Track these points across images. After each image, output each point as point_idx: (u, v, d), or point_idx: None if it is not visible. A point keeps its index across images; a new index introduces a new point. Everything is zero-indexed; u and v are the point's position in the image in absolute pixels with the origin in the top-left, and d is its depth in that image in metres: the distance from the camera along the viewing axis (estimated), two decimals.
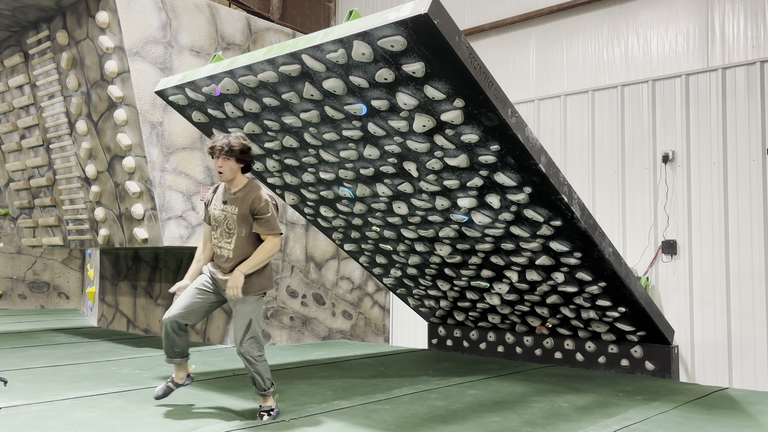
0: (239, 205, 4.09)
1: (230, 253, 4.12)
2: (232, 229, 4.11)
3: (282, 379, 5.47)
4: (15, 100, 8.06)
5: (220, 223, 4.13)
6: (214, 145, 4.02)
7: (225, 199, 4.12)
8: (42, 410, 4.25)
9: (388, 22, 3.61)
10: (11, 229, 12.54)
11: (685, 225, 7.09)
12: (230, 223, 4.10)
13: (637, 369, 5.92)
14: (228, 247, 4.11)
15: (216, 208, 4.17)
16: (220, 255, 4.16)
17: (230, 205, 4.10)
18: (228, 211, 4.11)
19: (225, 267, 4.13)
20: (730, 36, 7.15)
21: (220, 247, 4.16)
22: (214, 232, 4.20)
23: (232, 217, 4.10)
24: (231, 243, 4.11)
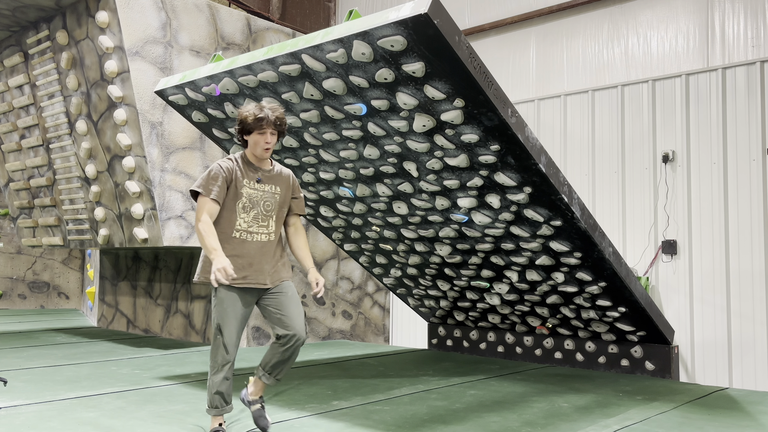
0: (280, 184, 3.72)
1: (269, 237, 3.65)
2: (269, 211, 3.66)
3: (282, 380, 5.47)
4: (15, 100, 8.06)
5: (256, 204, 3.62)
6: (265, 117, 3.53)
7: (259, 177, 3.64)
8: (42, 410, 4.25)
9: (388, 21, 3.61)
10: (11, 229, 12.53)
11: (685, 225, 7.09)
12: (269, 204, 3.65)
13: (637, 369, 5.92)
14: (265, 232, 3.64)
15: (250, 187, 3.62)
16: (248, 241, 3.59)
17: (268, 184, 3.66)
18: (267, 190, 3.66)
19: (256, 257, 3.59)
20: (730, 36, 7.14)
21: (249, 231, 3.60)
22: (244, 214, 3.60)
23: (273, 198, 3.67)
24: (269, 227, 3.66)
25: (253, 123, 3.52)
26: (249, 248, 3.60)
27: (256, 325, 7.67)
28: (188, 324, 8.25)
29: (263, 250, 3.63)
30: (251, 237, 3.61)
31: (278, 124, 3.57)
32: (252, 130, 3.56)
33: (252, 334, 7.61)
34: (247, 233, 3.60)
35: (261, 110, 3.52)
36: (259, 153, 3.59)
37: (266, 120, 3.52)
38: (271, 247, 3.66)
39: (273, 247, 3.68)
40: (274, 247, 3.69)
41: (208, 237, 3.46)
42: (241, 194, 3.59)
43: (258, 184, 3.63)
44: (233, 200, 3.59)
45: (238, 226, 3.60)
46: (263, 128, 3.54)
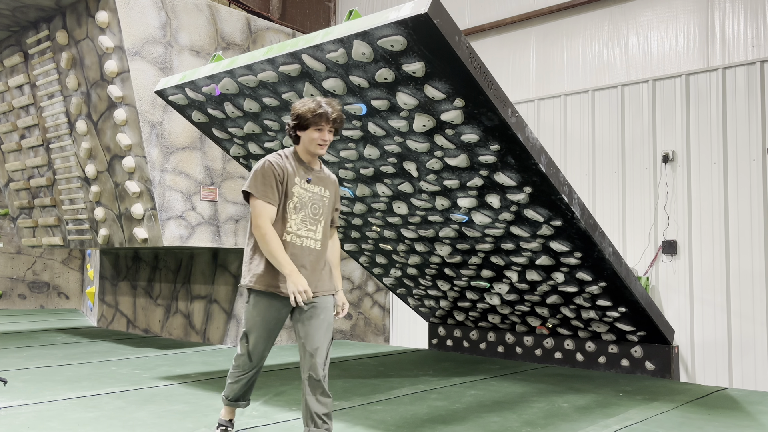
0: (329, 187, 3.45)
1: (317, 245, 3.36)
2: (318, 215, 3.37)
3: (282, 379, 5.47)
4: (15, 99, 8.06)
5: (304, 205, 3.32)
6: (325, 113, 3.27)
7: (309, 177, 3.36)
8: (41, 410, 4.25)
9: (388, 21, 3.61)
10: (11, 229, 12.53)
11: (685, 225, 7.09)
12: (318, 207, 3.38)
13: (637, 369, 5.92)
14: (314, 237, 3.34)
15: (300, 185, 3.33)
16: (297, 246, 3.29)
17: (317, 185, 3.39)
18: (316, 192, 3.39)
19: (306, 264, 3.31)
20: (730, 36, 7.14)
21: (299, 235, 3.30)
22: (294, 215, 3.29)
23: (321, 200, 3.40)
24: (317, 233, 3.36)
25: (312, 118, 3.26)
26: (299, 253, 3.29)
27: None
28: (188, 324, 8.25)
29: (311, 258, 3.33)
30: (300, 241, 3.31)
31: (337, 122, 3.33)
32: (308, 126, 3.29)
33: None
34: (297, 236, 3.30)
35: (320, 106, 3.27)
36: (313, 149, 3.31)
37: (326, 116, 3.28)
38: (318, 256, 3.36)
39: (321, 256, 3.38)
40: (322, 257, 3.39)
41: (279, 250, 3.19)
42: (291, 193, 3.30)
43: (308, 185, 3.36)
44: (284, 199, 3.30)
45: (289, 228, 3.28)
46: (321, 125, 3.29)
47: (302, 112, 3.28)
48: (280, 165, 3.30)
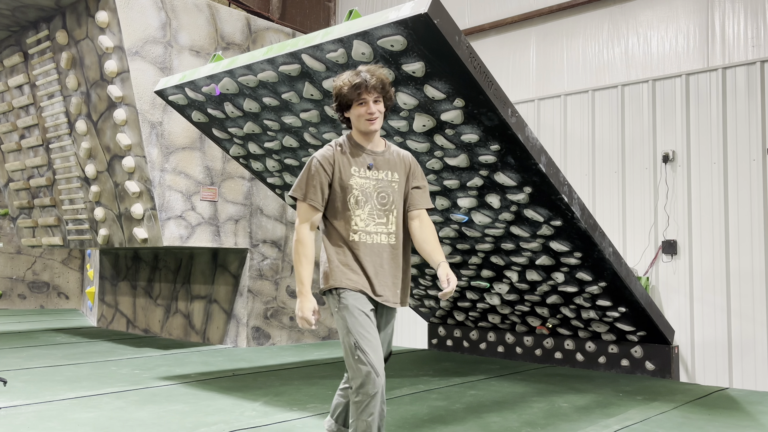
0: (397, 169, 2.99)
1: (391, 239, 2.93)
2: (387, 204, 2.92)
3: (282, 380, 5.47)
4: (14, 99, 8.06)
5: (369, 196, 2.89)
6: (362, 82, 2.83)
7: (370, 162, 2.93)
8: (41, 410, 4.25)
9: (388, 21, 3.61)
10: (11, 229, 12.53)
11: (685, 225, 7.09)
12: (387, 195, 2.93)
13: (638, 369, 5.92)
14: (385, 231, 2.91)
15: (359, 175, 2.90)
16: (368, 244, 2.88)
17: (382, 170, 2.94)
18: (382, 178, 2.93)
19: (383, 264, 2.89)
20: (731, 36, 7.14)
21: (368, 232, 2.88)
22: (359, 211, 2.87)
23: (390, 186, 2.94)
24: (390, 225, 2.93)
25: (349, 93, 2.85)
26: (372, 253, 2.89)
27: (256, 325, 7.67)
28: (188, 324, 8.25)
29: (386, 256, 2.91)
30: (371, 238, 2.89)
31: (381, 87, 2.87)
32: (350, 103, 2.87)
33: (252, 334, 7.61)
34: (366, 234, 2.88)
35: (357, 75, 2.86)
36: (363, 127, 2.89)
37: (364, 85, 2.83)
38: (394, 254, 2.94)
39: (397, 253, 2.95)
40: (398, 255, 2.96)
41: (302, 264, 2.84)
42: (350, 186, 2.87)
43: (370, 171, 2.92)
44: (343, 194, 2.88)
45: (355, 225, 2.87)
46: (362, 96, 2.85)
47: (339, 88, 2.88)
48: (329, 159, 2.90)
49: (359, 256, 2.87)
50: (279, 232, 7.94)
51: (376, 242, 2.90)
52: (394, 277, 2.94)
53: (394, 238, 2.94)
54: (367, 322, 2.80)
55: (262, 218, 7.75)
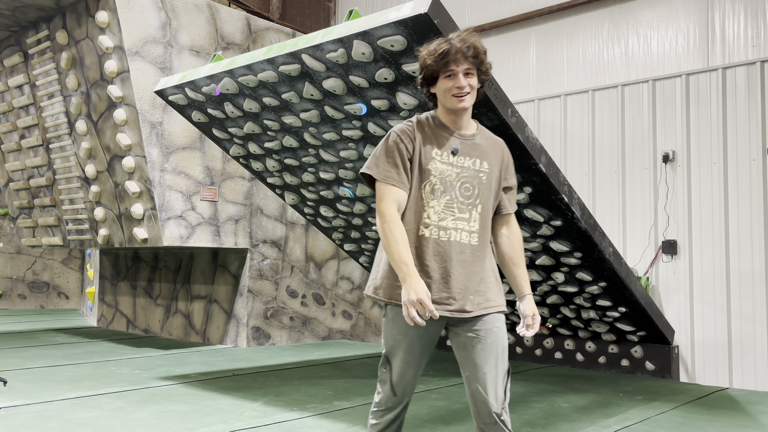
0: (489, 157, 2.50)
1: (473, 238, 2.44)
2: (472, 197, 2.44)
3: (282, 380, 5.47)
4: (15, 99, 8.06)
5: (449, 186, 2.43)
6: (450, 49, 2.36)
7: (456, 146, 2.46)
8: (41, 410, 4.25)
9: (388, 21, 3.61)
10: (11, 229, 12.53)
11: (685, 225, 7.09)
12: (472, 187, 2.45)
13: (638, 369, 5.92)
14: (467, 228, 2.43)
15: (441, 159, 2.44)
16: (442, 241, 2.41)
17: (470, 156, 2.47)
18: (468, 166, 2.46)
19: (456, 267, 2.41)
20: (731, 36, 7.14)
21: (443, 227, 2.41)
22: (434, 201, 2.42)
23: (477, 177, 2.46)
24: (472, 222, 2.44)
25: (434, 63, 2.40)
26: (444, 253, 2.41)
27: (256, 325, 7.67)
28: (188, 324, 8.25)
29: (464, 258, 2.42)
30: (447, 235, 2.40)
31: (474, 56, 2.39)
32: (437, 75, 2.42)
33: (252, 334, 7.61)
34: (440, 229, 2.41)
35: (446, 41, 2.39)
36: (450, 104, 2.43)
37: (452, 52, 2.36)
38: (475, 255, 2.45)
39: (479, 254, 2.46)
40: (482, 258, 2.47)
41: (398, 243, 2.34)
42: (427, 171, 2.43)
43: (454, 157, 2.45)
44: (418, 180, 2.44)
45: (427, 218, 2.41)
46: (452, 68, 2.38)
47: (423, 59, 2.45)
48: (409, 134, 2.46)
49: (426, 257, 2.39)
50: (279, 232, 7.94)
51: (453, 240, 2.40)
52: (474, 282, 2.43)
53: (477, 237, 2.43)
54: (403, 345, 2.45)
55: (262, 218, 7.75)
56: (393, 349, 2.48)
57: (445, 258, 2.40)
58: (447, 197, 2.42)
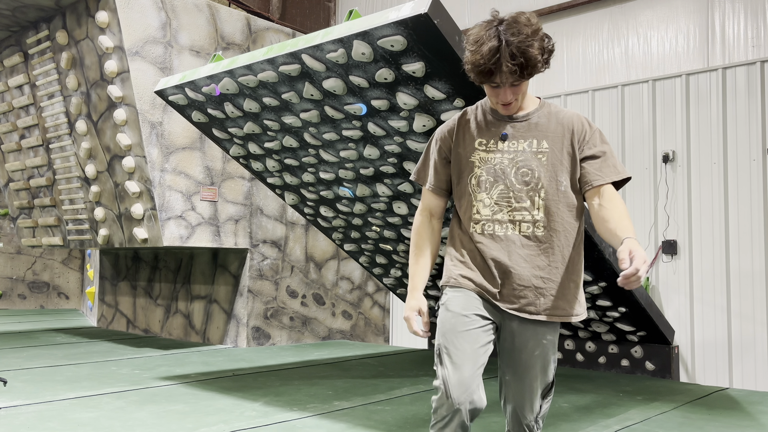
0: (548, 135, 2.24)
1: (538, 229, 2.18)
2: (532, 182, 2.19)
3: (282, 380, 5.47)
4: (15, 100, 8.06)
5: (501, 175, 2.20)
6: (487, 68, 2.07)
7: (505, 131, 2.25)
8: (41, 410, 4.25)
9: (388, 21, 3.61)
10: (11, 229, 12.53)
11: (685, 225, 7.09)
12: (527, 172, 2.20)
13: (638, 369, 5.92)
14: (528, 219, 2.18)
15: (485, 148, 2.24)
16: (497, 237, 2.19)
17: (525, 139, 2.23)
18: (523, 149, 2.22)
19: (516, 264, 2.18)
20: (731, 36, 7.14)
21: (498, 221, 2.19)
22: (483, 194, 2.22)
23: (535, 159, 2.20)
24: (536, 210, 2.18)
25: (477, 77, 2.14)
26: (502, 247, 2.19)
27: (256, 325, 7.67)
28: (188, 324, 8.25)
29: (527, 251, 2.18)
30: (503, 229, 2.19)
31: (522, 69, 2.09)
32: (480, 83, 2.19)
33: (252, 334, 7.61)
34: (495, 223, 2.20)
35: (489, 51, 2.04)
36: (498, 110, 2.29)
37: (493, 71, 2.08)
38: (541, 246, 2.19)
39: (546, 246, 2.19)
40: (548, 248, 2.19)
41: (413, 254, 2.32)
42: (471, 164, 2.24)
43: (504, 143, 2.22)
44: (464, 174, 2.26)
45: (477, 214, 2.22)
46: (495, 82, 2.14)
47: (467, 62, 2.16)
48: (448, 133, 2.31)
49: (483, 252, 2.20)
50: (279, 232, 7.94)
51: (511, 233, 2.18)
52: (540, 278, 2.18)
53: (542, 227, 2.17)
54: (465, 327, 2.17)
55: (262, 218, 7.75)
56: (445, 339, 2.19)
57: (503, 254, 2.18)
58: (500, 187, 2.20)
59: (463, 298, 2.21)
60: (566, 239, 2.21)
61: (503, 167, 2.20)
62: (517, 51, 2.05)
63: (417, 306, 2.25)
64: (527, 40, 2.06)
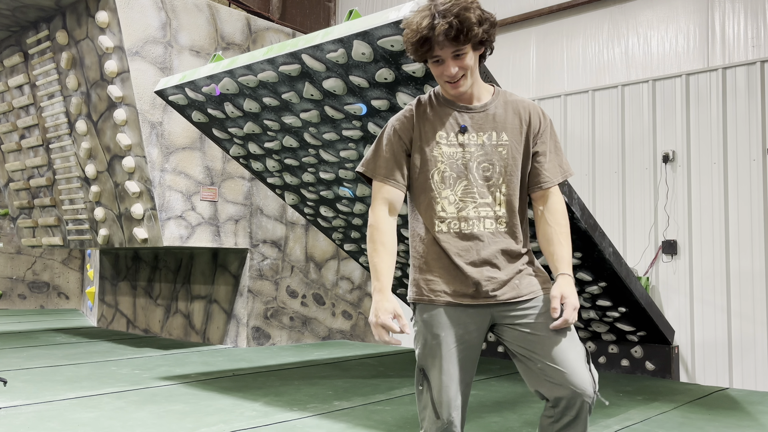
0: (506, 127, 2.15)
1: (501, 225, 2.14)
2: (493, 177, 2.13)
3: (282, 380, 5.47)
4: (15, 100, 8.06)
5: (462, 171, 2.13)
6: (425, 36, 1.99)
7: (463, 123, 2.14)
8: (41, 410, 4.25)
9: (388, 21, 3.61)
10: (11, 229, 12.53)
11: (685, 225, 7.09)
12: (492, 166, 2.13)
13: (638, 369, 5.92)
14: (491, 215, 2.12)
15: (446, 142, 2.14)
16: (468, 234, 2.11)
17: (484, 131, 2.14)
18: (483, 143, 2.13)
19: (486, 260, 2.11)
20: (731, 36, 7.14)
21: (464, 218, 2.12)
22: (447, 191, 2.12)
23: (496, 152, 2.13)
24: (498, 205, 2.13)
25: (415, 53, 2.08)
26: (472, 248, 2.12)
27: (256, 325, 7.67)
28: (188, 324, 8.25)
29: (494, 248, 2.12)
30: (469, 226, 2.11)
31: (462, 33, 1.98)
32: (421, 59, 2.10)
33: (252, 334, 7.61)
34: (461, 221, 2.11)
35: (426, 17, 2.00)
36: (445, 90, 2.16)
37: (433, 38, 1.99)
38: (507, 243, 2.14)
39: (511, 243, 2.15)
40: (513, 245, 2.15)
41: (376, 251, 2.14)
42: (434, 159, 2.13)
43: (464, 136, 2.13)
44: (425, 170, 2.15)
45: (442, 211, 2.13)
46: (437, 54, 2.04)
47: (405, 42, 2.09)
48: (405, 123, 2.18)
49: (450, 255, 2.11)
50: (279, 232, 7.94)
51: (477, 232, 2.10)
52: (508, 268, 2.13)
53: (504, 223, 2.13)
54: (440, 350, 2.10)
55: (262, 218, 7.75)
56: (427, 359, 2.12)
57: (474, 253, 2.10)
58: (464, 183, 2.11)
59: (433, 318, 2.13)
60: (524, 230, 2.21)
61: (465, 162, 2.12)
62: (450, 14, 1.97)
63: (392, 308, 2.07)
64: (460, 5, 1.98)
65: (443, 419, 2.08)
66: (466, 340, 2.12)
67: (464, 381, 2.11)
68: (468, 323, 2.12)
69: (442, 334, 2.10)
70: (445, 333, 2.10)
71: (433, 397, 2.09)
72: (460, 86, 2.09)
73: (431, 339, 2.12)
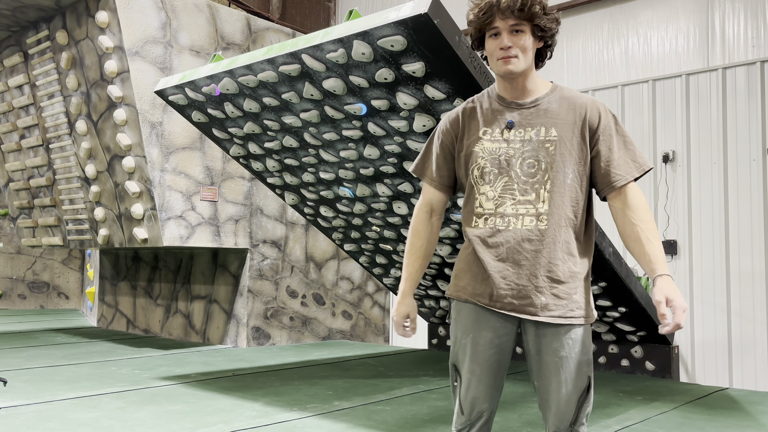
0: (557, 122, 2.06)
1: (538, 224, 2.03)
2: (538, 174, 2.04)
3: (282, 380, 5.47)
4: (15, 100, 8.06)
5: (503, 167, 2.06)
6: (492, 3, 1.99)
7: (511, 119, 2.08)
8: (41, 410, 4.25)
9: (388, 21, 3.61)
10: (11, 229, 12.53)
11: (685, 225, 7.09)
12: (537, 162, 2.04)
13: (638, 369, 5.92)
14: (532, 212, 2.03)
15: (489, 138, 2.09)
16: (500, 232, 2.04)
17: (532, 127, 2.06)
18: (530, 138, 2.06)
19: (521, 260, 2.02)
20: (731, 36, 7.14)
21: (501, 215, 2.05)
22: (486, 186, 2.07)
23: (543, 148, 2.04)
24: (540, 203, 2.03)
25: (476, 19, 2.04)
26: (504, 244, 2.04)
27: (256, 325, 7.67)
28: (188, 324, 8.25)
29: (531, 247, 2.02)
30: (504, 223, 2.04)
31: (523, 8, 1.97)
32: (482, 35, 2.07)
33: (252, 334, 7.61)
34: (497, 217, 2.05)
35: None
36: (497, 69, 2.07)
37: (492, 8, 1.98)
38: (544, 242, 2.02)
39: (549, 240, 2.02)
40: (550, 242, 2.02)
41: (408, 252, 2.22)
42: (473, 154, 2.10)
43: (510, 132, 2.07)
44: (467, 167, 2.13)
45: (479, 207, 2.09)
46: (493, 24, 2.01)
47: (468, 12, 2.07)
48: (451, 123, 2.17)
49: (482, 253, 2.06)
50: (279, 232, 7.94)
51: (513, 228, 2.03)
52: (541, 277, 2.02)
53: (545, 221, 2.02)
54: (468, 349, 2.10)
55: (262, 218, 7.75)
56: (458, 355, 2.15)
57: (505, 251, 2.03)
58: (504, 179, 2.05)
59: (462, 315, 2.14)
60: (569, 235, 2.07)
61: (508, 158, 2.05)
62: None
63: (406, 312, 2.20)
64: None
65: (466, 415, 2.12)
66: (495, 344, 2.10)
67: (491, 383, 2.11)
68: (498, 327, 2.10)
69: (471, 334, 2.11)
70: (474, 334, 2.10)
71: (461, 393, 2.13)
72: (510, 63, 2.02)
73: (461, 337, 2.13)
